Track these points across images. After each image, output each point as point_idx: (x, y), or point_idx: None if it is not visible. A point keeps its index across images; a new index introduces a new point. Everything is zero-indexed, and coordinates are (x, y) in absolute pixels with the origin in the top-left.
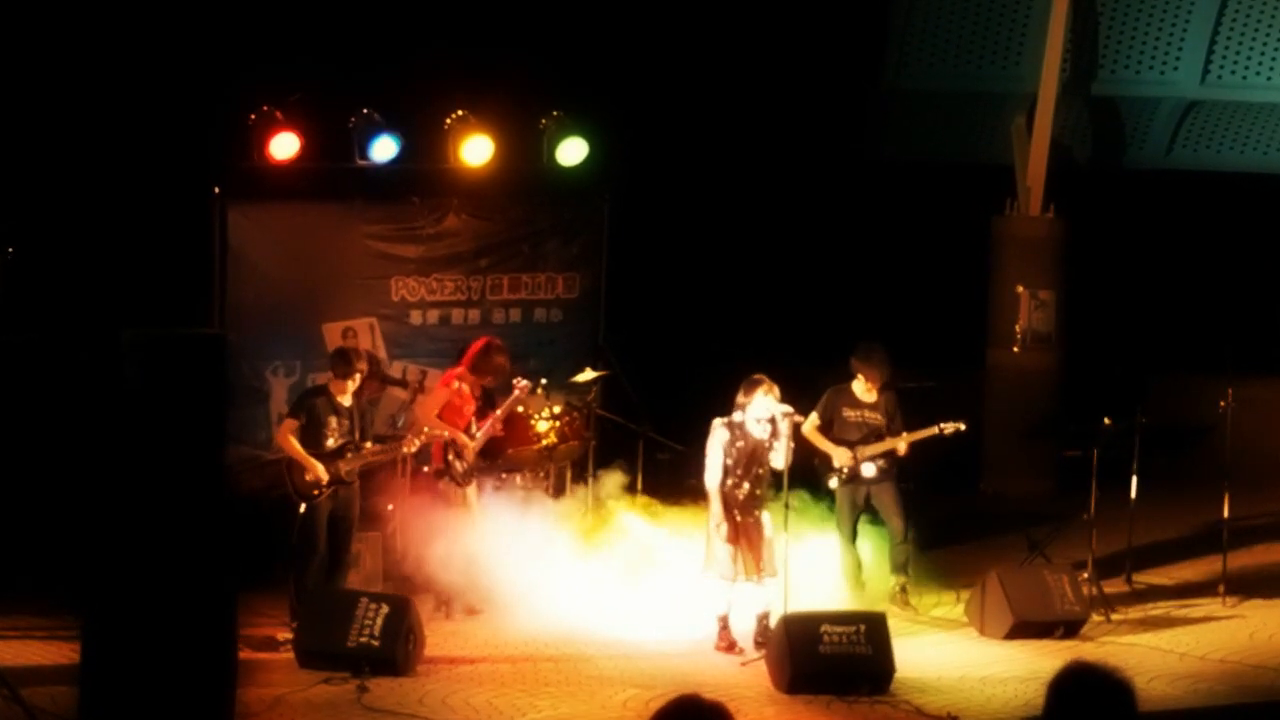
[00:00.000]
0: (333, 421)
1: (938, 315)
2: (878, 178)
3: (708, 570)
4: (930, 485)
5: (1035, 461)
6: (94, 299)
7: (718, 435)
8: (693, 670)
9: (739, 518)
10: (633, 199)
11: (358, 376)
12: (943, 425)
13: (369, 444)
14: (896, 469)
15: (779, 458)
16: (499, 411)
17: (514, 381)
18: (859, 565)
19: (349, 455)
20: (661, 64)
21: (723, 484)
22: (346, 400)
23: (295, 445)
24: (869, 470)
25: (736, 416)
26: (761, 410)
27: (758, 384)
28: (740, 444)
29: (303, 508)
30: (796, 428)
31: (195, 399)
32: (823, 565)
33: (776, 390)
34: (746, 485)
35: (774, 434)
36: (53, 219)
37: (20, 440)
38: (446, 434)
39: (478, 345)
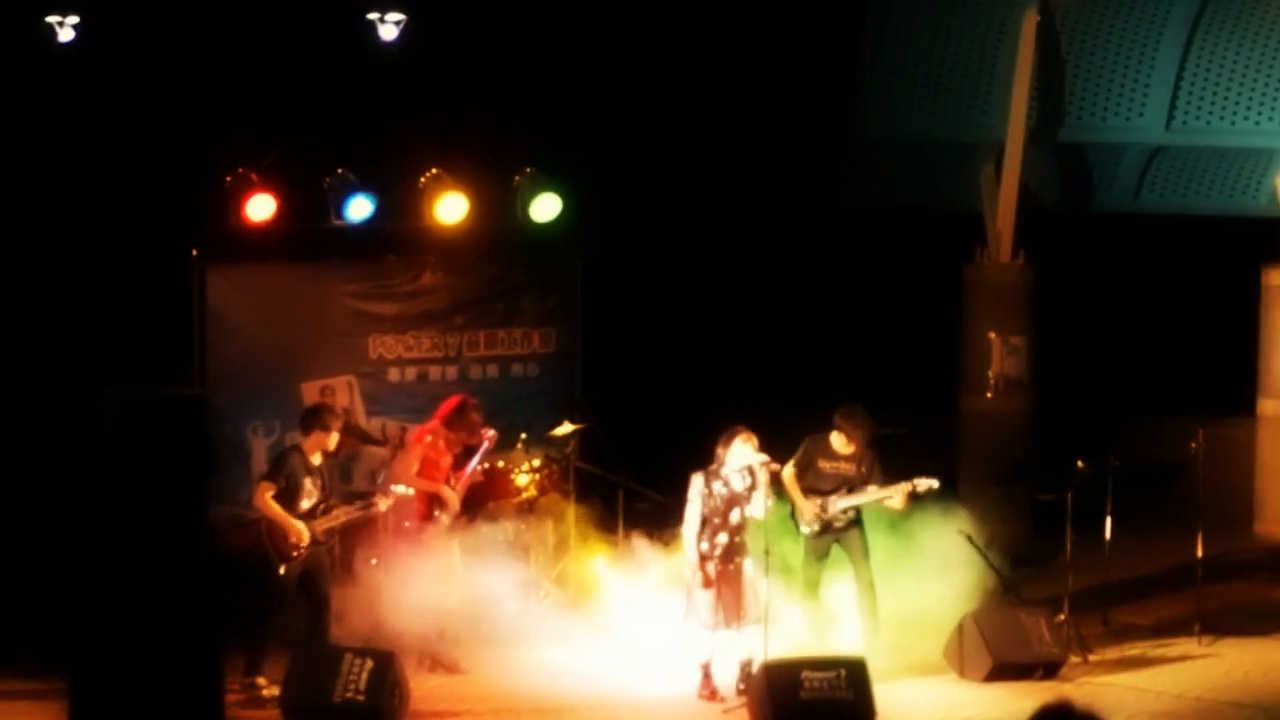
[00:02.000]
0: (308, 483)
1: (911, 362)
2: (850, 227)
3: (688, 620)
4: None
5: (1010, 505)
6: (77, 362)
7: (696, 486)
8: (675, 718)
9: (719, 566)
10: (607, 252)
11: (335, 435)
12: (916, 482)
13: (334, 501)
14: (861, 517)
15: (758, 507)
16: (474, 462)
17: (483, 432)
18: (818, 612)
19: (320, 515)
20: (633, 118)
21: (701, 534)
22: (317, 459)
23: (276, 508)
24: (815, 522)
25: (715, 467)
26: (740, 460)
27: (736, 434)
28: (720, 494)
29: (283, 569)
30: (775, 476)
31: (177, 458)
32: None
33: (755, 440)
34: (725, 534)
35: (753, 484)
36: (35, 285)
37: (11, 502)
38: (411, 491)
39: (452, 403)
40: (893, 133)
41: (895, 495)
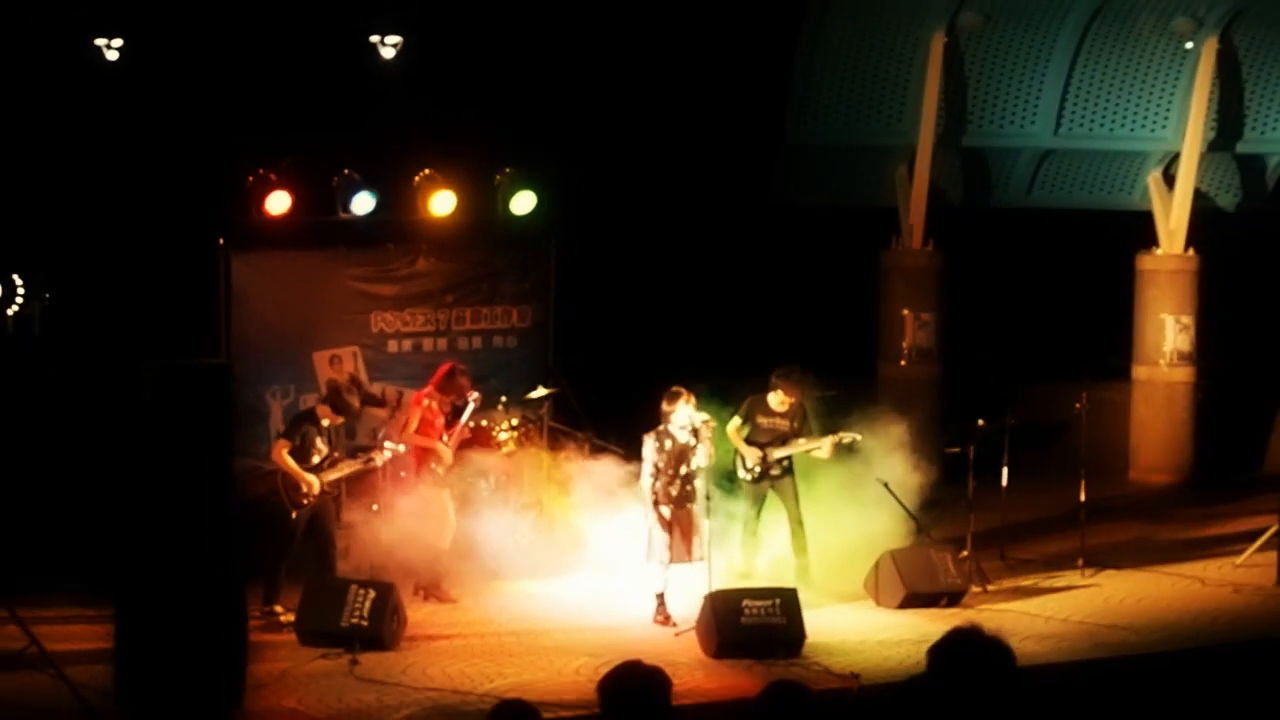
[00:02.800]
0: (319, 443)
1: (836, 335)
2: (784, 219)
3: (650, 559)
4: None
5: (921, 458)
6: (120, 337)
7: (648, 443)
8: (634, 641)
9: (673, 510)
10: (577, 240)
11: (343, 418)
12: (841, 435)
13: (338, 454)
14: (793, 466)
15: (702, 458)
16: (463, 421)
17: (468, 395)
18: (756, 549)
19: (327, 468)
20: (599, 124)
21: (654, 483)
22: (326, 423)
23: (291, 462)
24: (758, 465)
25: (663, 426)
26: (683, 418)
27: (678, 395)
28: (668, 448)
29: (295, 514)
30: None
31: (207, 419)
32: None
33: (694, 400)
34: (677, 483)
35: (696, 439)
36: (84, 270)
37: (64, 456)
38: (403, 448)
39: (443, 369)
40: (821, 139)
41: (823, 446)
